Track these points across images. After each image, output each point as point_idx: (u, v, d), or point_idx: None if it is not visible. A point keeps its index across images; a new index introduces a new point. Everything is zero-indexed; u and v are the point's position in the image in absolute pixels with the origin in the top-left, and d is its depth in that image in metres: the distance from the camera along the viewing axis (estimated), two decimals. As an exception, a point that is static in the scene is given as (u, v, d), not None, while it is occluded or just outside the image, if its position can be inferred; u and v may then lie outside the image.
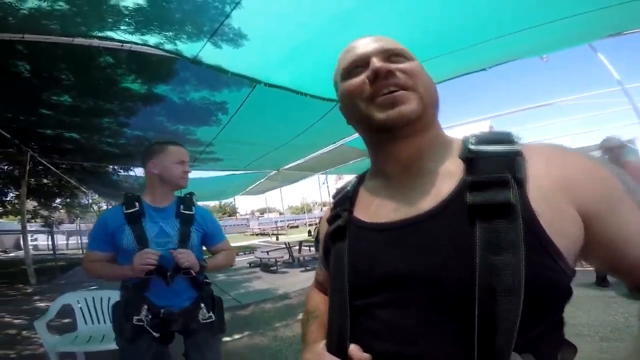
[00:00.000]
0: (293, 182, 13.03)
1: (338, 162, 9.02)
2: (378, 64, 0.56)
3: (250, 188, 13.14)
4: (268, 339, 3.42)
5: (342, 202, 0.69)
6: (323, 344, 0.61)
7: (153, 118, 4.58)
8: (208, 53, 2.88)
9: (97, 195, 14.07)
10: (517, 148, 0.52)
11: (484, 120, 8.24)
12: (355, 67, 0.60)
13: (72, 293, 2.88)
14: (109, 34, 2.67)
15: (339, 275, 0.60)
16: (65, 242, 17.95)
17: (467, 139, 0.57)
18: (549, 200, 0.47)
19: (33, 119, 4.67)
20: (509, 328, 0.41)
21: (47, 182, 10.54)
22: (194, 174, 9.76)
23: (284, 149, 6.39)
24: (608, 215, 0.48)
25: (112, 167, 9.04)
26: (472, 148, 0.54)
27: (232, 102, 4.08)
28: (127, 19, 2.47)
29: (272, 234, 21.25)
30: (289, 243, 8.89)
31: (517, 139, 0.54)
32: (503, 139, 0.54)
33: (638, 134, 5.83)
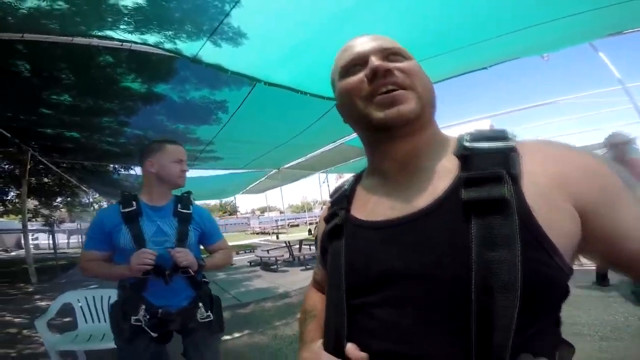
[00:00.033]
0: (293, 180, 13.05)
1: (338, 160, 9.02)
2: (377, 63, 0.56)
3: (251, 187, 13.17)
4: (268, 338, 3.42)
5: (339, 200, 0.69)
6: (320, 343, 0.61)
7: (153, 117, 4.58)
8: (208, 52, 2.88)
9: (97, 194, 14.05)
10: (511, 144, 0.52)
11: (485, 119, 8.23)
12: (354, 65, 0.60)
13: (72, 292, 2.88)
14: (109, 33, 2.67)
15: (336, 274, 0.60)
16: (66, 241, 17.93)
17: (462, 137, 0.57)
18: (545, 196, 0.47)
19: (33, 118, 4.67)
20: (506, 325, 0.41)
21: (47, 181, 10.52)
22: (195, 173, 9.79)
23: (284, 148, 6.40)
24: (605, 210, 0.47)
25: (112, 166, 9.06)
26: (466, 145, 0.54)
27: (232, 101, 4.08)
28: (126, 18, 2.47)
29: (272, 233, 21.22)
30: (289, 242, 8.89)
31: (512, 136, 0.54)
32: (498, 136, 0.54)
33: (639, 133, 5.80)
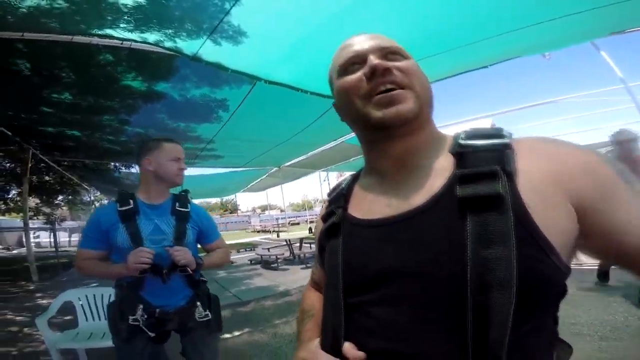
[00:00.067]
0: (294, 179, 13.06)
1: (339, 159, 9.02)
2: (375, 61, 0.56)
3: (252, 185, 13.17)
4: (268, 336, 3.43)
5: (336, 199, 0.69)
6: (317, 342, 0.61)
7: (154, 115, 4.59)
8: (208, 50, 2.88)
9: (98, 193, 14.08)
10: (506, 141, 0.52)
11: (486, 118, 8.21)
12: (352, 64, 0.60)
13: (73, 290, 2.89)
14: (109, 32, 2.67)
15: (333, 273, 0.60)
16: (68, 239, 17.96)
17: (457, 135, 0.58)
18: (540, 194, 0.47)
19: (34, 117, 4.68)
20: (502, 322, 0.41)
21: (49, 179, 10.54)
22: (196, 171, 9.80)
23: (285, 146, 6.40)
24: (603, 205, 0.47)
25: (113, 164, 9.08)
26: (462, 143, 0.55)
27: (232, 99, 4.08)
28: (126, 17, 2.47)
29: (273, 231, 21.25)
30: (290, 240, 8.89)
31: (507, 134, 0.54)
32: (493, 134, 0.54)
33: (641, 132, 5.75)
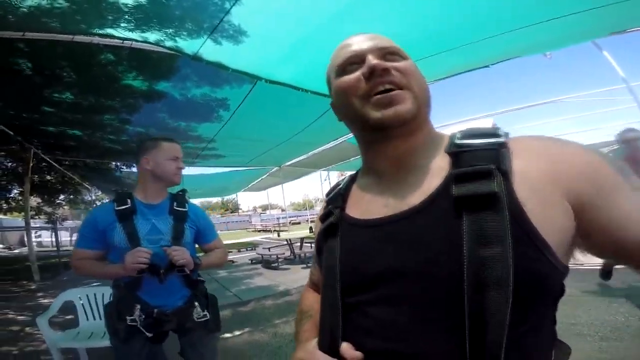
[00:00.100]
0: (295, 178, 13.05)
1: (340, 158, 9.01)
2: (374, 61, 0.56)
3: (253, 184, 13.18)
4: (268, 336, 3.44)
5: (334, 199, 0.69)
6: (315, 342, 0.61)
7: (155, 115, 4.60)
8: (208, 50, 2.88)
9: (100, 192, 14.11)
10: (501, 140, 0.52)
11: (487, 118, 8.19)
12: (350, 63, 0.60)
13: (73, 289, 2.89)
14: (109, 32, 2.67)
15: (331, 273, 0.60)
16: (69, 238, 17.99)
17: (454, 135, 0.58)
18: (536, 192, 0.47)
19: (36, 116, 4.69)
20: (500, 321, 0.41)
21: (50, 178, 10.56)
22: (197, 171, 9.82)
23: (286, 145, 6.40)
24: (601, 201, 0.46)
25: (114, 163, 9.09)
26: (457, 142, 0.55)
27: (233, 98, 4.08)
28: (126, 16, 2.47)
29: (274, 230, 21.24)
30: (291, 239, 8.88)
31: (503, 133, 0.54)
32: (488, 133, 0.54)
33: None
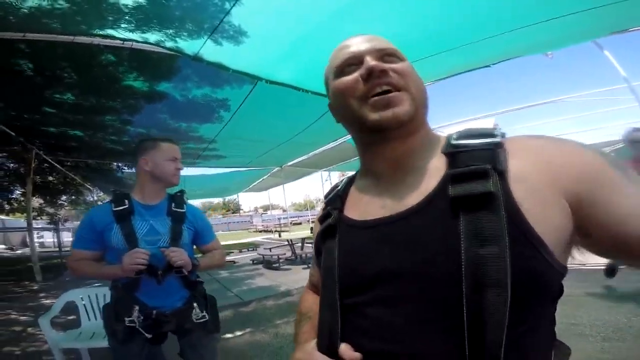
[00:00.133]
0: (296, 178, 13.06)
1: (341, 158, 9.02)
2: (372, 63, 0.56)
3: (254, 185, 13.20)
4: (269, 336, 3.43)
5: (332, 201, 0.69)
6: (314, 343, 0.61)
7: (156, 115, 4.60)
8: (209, 50, 2.88)
9: (101, 192, 14.15)
10: (497, 140, 0.52)
11: (488, 118, 8.17)
12: (348, 65, 0.60)
13: (75, 290, 2.90)
14: (110, 32, 2.68)
15: (329, 274, 0.60)
16: (71, 239, 18.07)
17: (450, 135, 0.58)
18: (533, 191, 0.47)
19: (37, 117, 4.71)
20: (498, 321, 0.41)
21: (52, 179, 10.58)
22: (198, 171, 9.84)
23: (287, 146, 6.40)
24: (599, 198, 0.46)
25: (116, 164, 9.11)
26: (454, 143, 0.55)
27: (234, 99, 4.09)
28: (127, 17, 2.47)
29: (275, 231, 21.24)
30: (292, 240, 8.88)
31: (499, 133, 0.54)
32: (485, 133, 0.54)
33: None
